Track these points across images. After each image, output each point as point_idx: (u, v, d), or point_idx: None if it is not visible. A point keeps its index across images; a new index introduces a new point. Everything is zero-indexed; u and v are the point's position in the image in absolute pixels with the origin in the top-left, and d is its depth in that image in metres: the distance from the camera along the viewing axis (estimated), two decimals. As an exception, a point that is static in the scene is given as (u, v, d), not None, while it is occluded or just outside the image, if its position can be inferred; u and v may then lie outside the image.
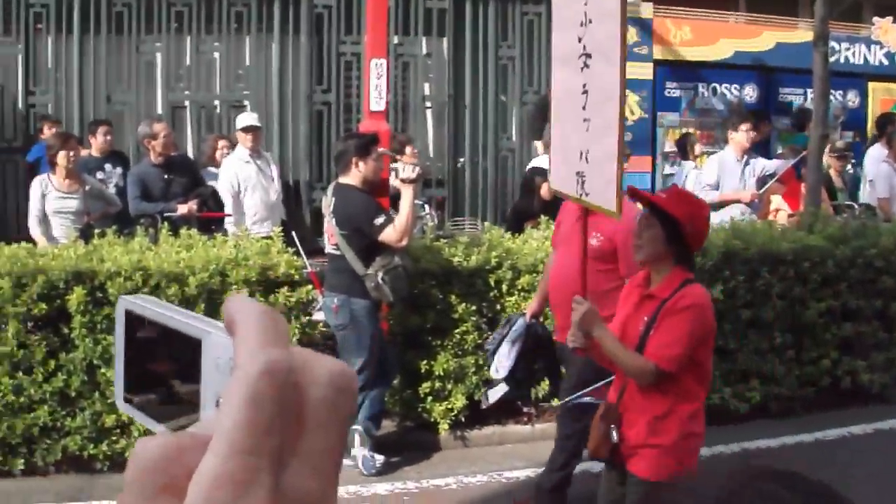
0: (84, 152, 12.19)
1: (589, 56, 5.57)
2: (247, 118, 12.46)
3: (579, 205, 5.93)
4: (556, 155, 6.14)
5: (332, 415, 0.68)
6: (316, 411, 0.68)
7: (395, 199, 9.15)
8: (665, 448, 5.58)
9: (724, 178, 12.68)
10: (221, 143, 12.88)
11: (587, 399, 6.83)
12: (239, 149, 12.26)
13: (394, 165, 9.19)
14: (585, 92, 5.60)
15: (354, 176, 8.72)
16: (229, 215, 11.53)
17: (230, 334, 0.71)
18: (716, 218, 11.57)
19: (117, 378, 0.88)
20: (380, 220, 8.50)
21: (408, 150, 12.15)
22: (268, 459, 0.64)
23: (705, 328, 5.59)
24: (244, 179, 11.89)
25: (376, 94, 10.20)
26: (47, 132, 12.55)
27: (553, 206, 11.44)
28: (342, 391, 0.69)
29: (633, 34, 15.57)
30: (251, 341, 0.69)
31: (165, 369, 0.83)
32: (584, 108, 5.62)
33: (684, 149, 15.42)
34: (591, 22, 5.54)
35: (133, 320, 0.85)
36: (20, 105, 14.66)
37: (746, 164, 12.61)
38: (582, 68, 5.62)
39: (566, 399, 7.16)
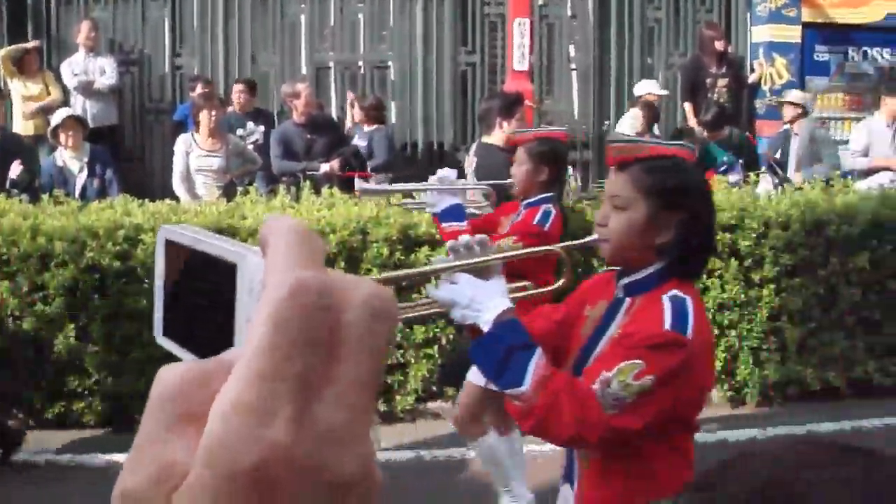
0: (228, 109, 12.35)
1: None
2: None
3: None
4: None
5: (365, 342, 0.63)
6: (348, 338, 0.62)
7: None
8: None
9: (874, 144, 12.41)
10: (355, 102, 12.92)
11: None
12: None
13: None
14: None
15: (497, 136, 8.62)
16: (372, 175, 11.55)
17: (263, 255, 0.65)
18: (864, 185, 11.31)
19: (156, 312, 0.81)
20: (521, 181, 8.40)
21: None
22: (291, 387, 0.60)
23: None
24: None
25: (519, 53, 10.13)
26: (199, 91, 12.71)
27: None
28: (378, 317, 0.63)
29: (781, -6, 15.30)
30: (280, 261, 0.63)
31: (205, 300, 0.76)
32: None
33: None
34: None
35: (174, 251, 0.78)
36: (167, 66, 14.90)
37: (897, 130, 12.34)
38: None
39: None
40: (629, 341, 3.36)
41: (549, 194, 6.67)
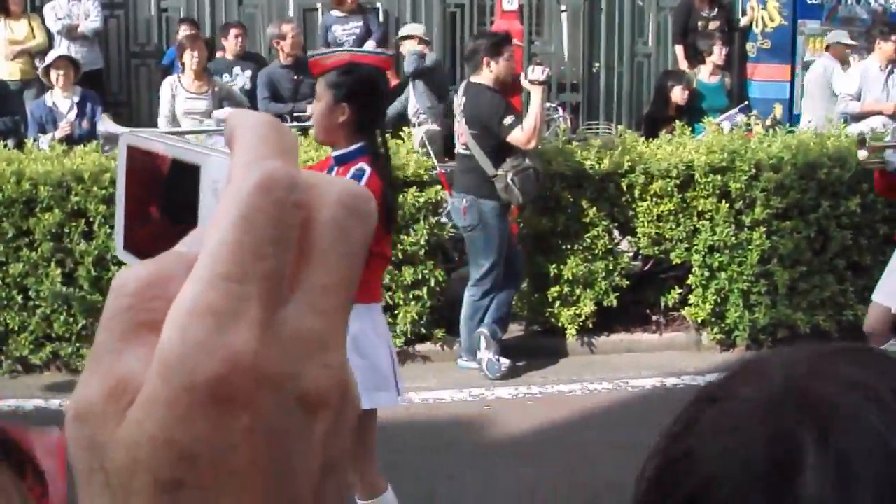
0: (218, 54, 12.24)
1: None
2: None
3: None
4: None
5: (340, 242, 0.56)
6: (321, 238, 0.56)
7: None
8: None
9: (867, 88, 12.36)
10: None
11: None
12: None
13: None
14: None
15: (486, 75, 8.62)
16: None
17: (230, 151, 0.58)
18: (856, 129, 11.25)
19: (118, 224, 0.72)
20: (509, 121, 8.38)
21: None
22: (258, 289, 0.53)
23: None
24: None
25: (509, -8, 10.04)
26: (184, 32, 12.61)
27: (688, 110, 11.24)
28: (354, 214, 0.57)
29: (774, -65, 15.17)
30: (248, 154, 0.56)
31: (168, 208, 0.68)
32: None
33: None
34: None
35: (136, 158, 0.70)
36: (152, 10, 14.73)
37: (891, 74, 12.26)
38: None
39: None
40: None
41: None
